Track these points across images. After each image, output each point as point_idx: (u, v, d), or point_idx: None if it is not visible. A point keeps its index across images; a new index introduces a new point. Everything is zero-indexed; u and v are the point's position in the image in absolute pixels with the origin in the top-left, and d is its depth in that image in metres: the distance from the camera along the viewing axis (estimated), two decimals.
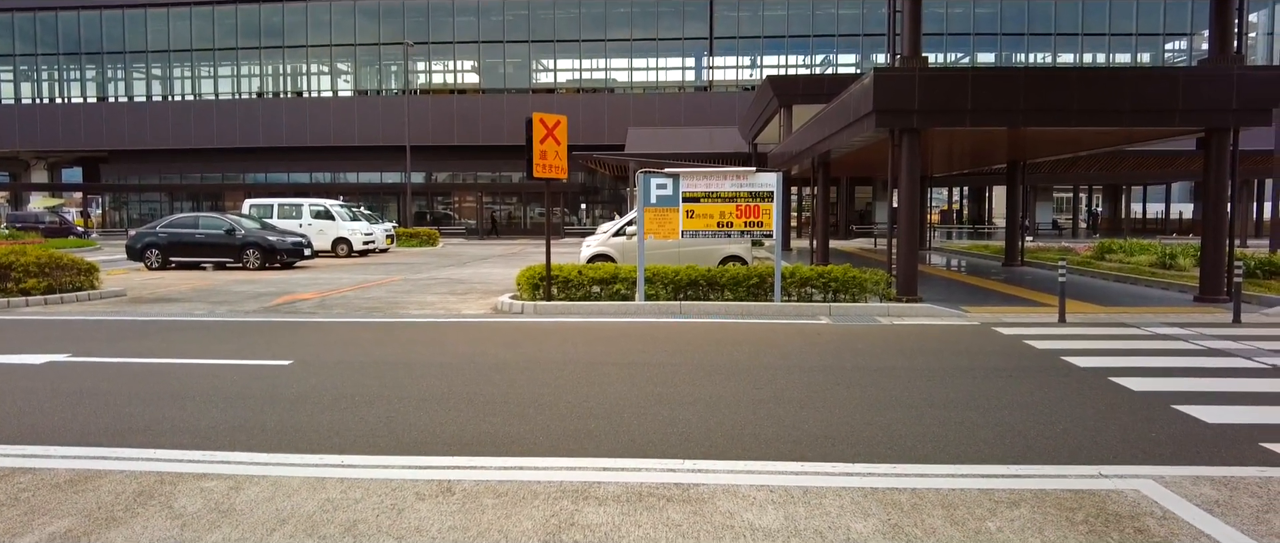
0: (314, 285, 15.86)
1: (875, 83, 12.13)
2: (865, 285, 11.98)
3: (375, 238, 26.48)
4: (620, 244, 15.36)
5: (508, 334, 9.67)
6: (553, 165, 11.92)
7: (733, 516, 3.84)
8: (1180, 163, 34.21)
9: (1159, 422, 5.58)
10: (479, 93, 45.56)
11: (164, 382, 6.93)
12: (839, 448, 4.97)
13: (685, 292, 12.05)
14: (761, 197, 11.93)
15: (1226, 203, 12.69)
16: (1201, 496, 4.10)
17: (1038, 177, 38.17)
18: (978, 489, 4.21)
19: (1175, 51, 44.46)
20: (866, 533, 3.64)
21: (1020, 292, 14.38)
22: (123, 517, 3.83)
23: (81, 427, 5.48)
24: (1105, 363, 7.73)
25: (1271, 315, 11.26)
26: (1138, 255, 18.87)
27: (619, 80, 45.76)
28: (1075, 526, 3.72)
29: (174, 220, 20.72)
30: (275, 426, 5.50)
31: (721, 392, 6.49)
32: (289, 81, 46.79)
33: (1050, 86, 12.30)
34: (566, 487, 4.23)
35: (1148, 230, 42.95)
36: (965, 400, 6.20)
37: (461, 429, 5.39)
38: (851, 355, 8.21)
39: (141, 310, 12.03)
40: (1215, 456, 4.84)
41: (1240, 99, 12.00)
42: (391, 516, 3.85)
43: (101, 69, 46.85)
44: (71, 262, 13.66)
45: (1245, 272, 13.26)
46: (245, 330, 10.01)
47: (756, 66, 44.94)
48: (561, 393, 6.46)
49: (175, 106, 46.15)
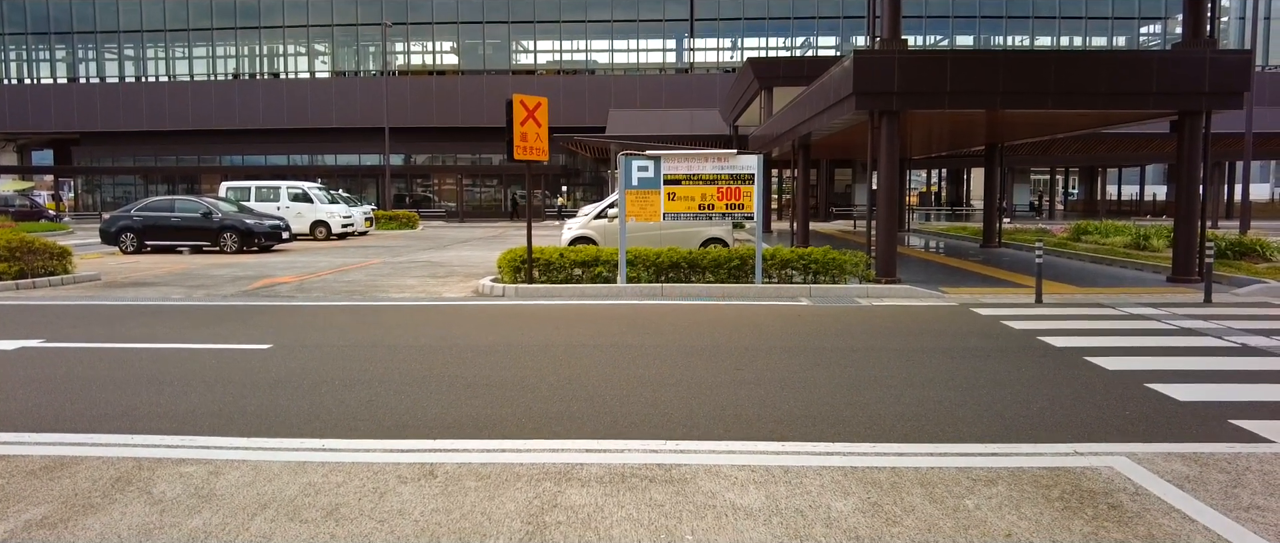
0: (292, 269, 15.73)
1: (855, 65, 12.15)
2: (845, 267, 12.06)
3: (354, 221, 26.28)
4: (602, 226, 15.34)
5: (489, 317, 9.65)
6: (533, 147, 11.87)
7: (715, 495, 3.87)
8: (1154, 145, 34.59)
9: (1132, 400, 5.67)
10: (458, 74, 45.16)
11: (141, 367, 6.86)
12: (819, 428, 5.01)
13: (667, 274, 12.07)
14: (742, 179, 11.94)
15: (1199, 185, 12.85)
16: (1173, 472, 4.18)
17: (1016, 159, 38.48)
18: (956, 468, 4.27)
19: (1150, 36, 44.84)
20: (847, 511, 3.68)
21: (998, 273, 14.53)
22: (100, 503, 3.80)
23: (56, 413, 5.42)
24: (1081, 343, 7.84)
25: (1241, 295, 11.45)
26: (1113, 237, 19.11)
27: (600, 62, 45.51)
28: (1051, 502, 3.79)
29: (149, 203, 20.46)
30: (255, 410, 5.46)
31: (703, 373, 6.52)
32: (265, 62, 46.14)
33: (1029, 69, 12.38)
34: (549, 469, 4.25)
35: (1123, 212, 43.43)
36: (943, 380, 6.27)
37: (443, 412, 5.39)
38: (831, 336, 8.27)
39: (117, 295, 11.88)
40: (1186, 433, 4.93)
41: (1212, 82, 12.14)
42: (374, 499, 3.84)
43: (72, 49, 45.96)
44: (43, 246, 13.45)
45: (1217, 252, 13.48)
46: (223, 315, 9.93)
47: (737, 48, 44.85)
48: (543, 375, 6.46)
49: (149, 88, 45.37)
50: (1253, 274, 12.69)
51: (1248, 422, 5.10)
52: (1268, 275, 12.53)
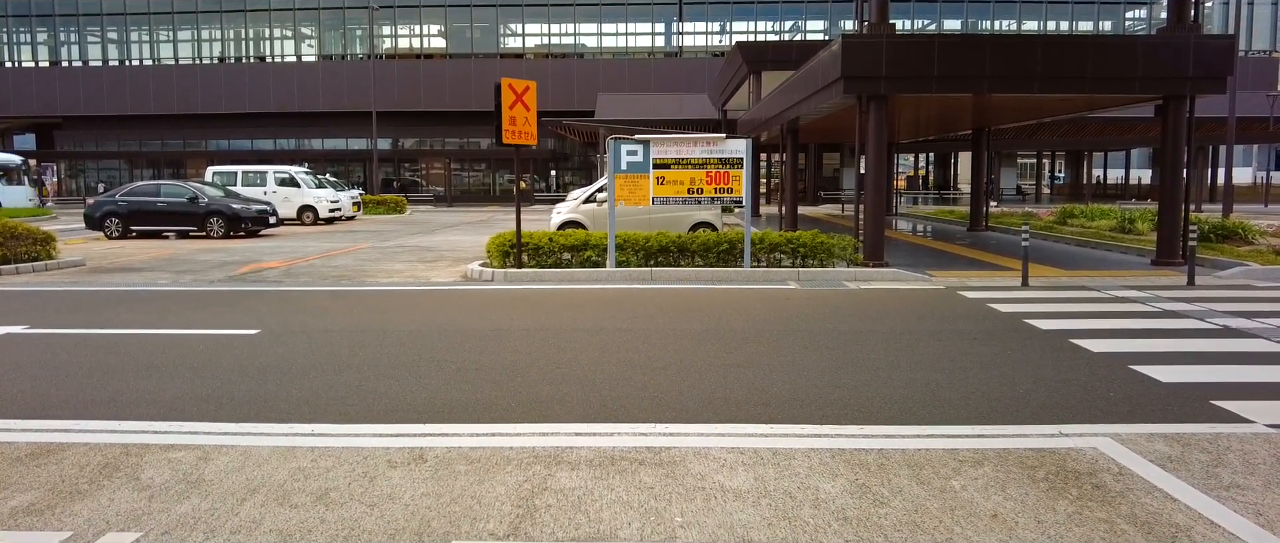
0: (280, 254, 15.65)
1: (843, 49, 12.14)
2: (833, 251, 12.10)
3: (342, 205, 26.12)
4: (591, 211, 15.31)
5: (478, 301, 9.64)
6: (522, 131, 11.82)
7: (704, 477, 3.90)
8: (1139, 129, 34.75)
9: (1117, 382, 5.73)
10: (446, 57, 44.84)
11: (128, 353, 6.82)
12: (807, 410, 5.05)
13: (656, 258, 12.08)
14: (731, 163, 11.94)
15: (1183, 169, 12.94)
16: (1155, 452, 4.23)
17: (1002, 143, 38.58)
18: (943, 449, 4.31)
19: (1135, 20, 44.96)
20: (835, 493, 3.71)
21: (984, 256, 14.61)
22: (88, 489, 3.79)
23: (42, 399, 5.39)
24: (1066, 325, 7.90)
25: (1224, 278, 11.56)
26: (1098, 220, 19.23)
27: (588, 46, 45.26)
28: (1036, 483, 3.83)
29: (134, 188, 20.28)
30: (244, 395, 5.45)
31: (692, 357, 6.54)
32: (252, 46, 45.66)
33: (1015, 53, 12.40)
34: (539, 452, 4.26)
35: (1108, 196, 43.64)
36: (930, 363, 6.32)
37: (433, 397, 5.39)
38: (819, 320, 8.30)
39: (102, 281, 11.80)
40: (1169, 413, 4.99)
41: (1197, 67, 12.20)
42: (363, 483, 3.85)
43: (53, 32, 45.33)
44: (27, 231, 13.31)
45: (1200, 236, 13.57)
46: (211, 300, 9.87)
47: (726, 32, 44.69)
48: (533, 359, 6.47)
49: (133, 71, 44.84)
50: (1235, 257, 12.81)
51: (1229, 402, 5.16)
52: (1250, 258, 12.65)
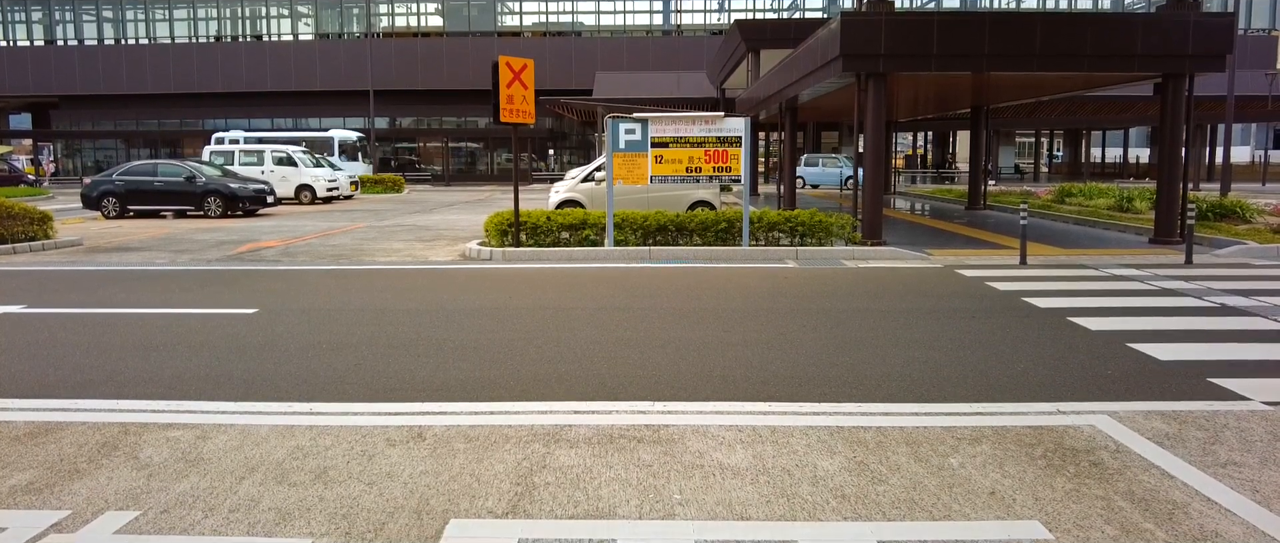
0: (278, 233, 15.61)
1: (842, 27, 12.06)
2: (831, 229, 12.09)
3: (339, 184, 26.05)
4: (589, 189, 15.26)
5: (476, 280, 9.63)
6: (520, 110, 11.75)
7: (702, 455, 3.91)
8: (1138, 108, 34.66)
9: (1114, 359, 5.74)
10: (443, 36, 44.51)
11: (126, 332, 6.82)
12: (805, 388, 5.05)
13: (654, 237, 12.06)
14: (729, 141, 11.89)
15: (1181, 147, 12.91)
16: (1153, 429, 4.24)
17: (1000, 121, 38.44)
18: (941, 427, 4.32)
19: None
20: (833, 470, 3.72)
21: (983, 234, 14.60)
22: (87, 468, 3.80)
23: (40, 379, 5.39)
24: (1064, 303, 7.91)
25: (1221, 256, 11.56)
26: (1096, 199, 19.19)
27: (586, 24, 44.94)
28: (1034, 460, 3.84)
29: (131, 167, 20.19)
30: (242, 374, 5.45)
31: (690, 335, 6.55)
32: (248, 25, 45.27)
33: (1014, 31, 12.33)
34: (538, 430, 4.27)
35: (1106, 174, 43.57)
36: (929, 341, 6.33)
37: (431, 375, 5.39)
38: (817, 298, 8.30)
39: (100, 260, 11.77)
40: (1166, 391, 5.00)
41: (1196, 45, 12.14)
42: (362, 461, 3.85)
43: (48, 10, 44.91)
44: (23, 211, 13.27)
45: (1198, 214, 13.54)
46: (208, 279, 9.86)
47: (724, 10, 44.35)
48: (531, 338, 6.47)
49: (129, 50, 44.48)
50: (1233, 236, 12.80)
51: (1226, 380, 5.18)
52: (1247, 237, 12.65)
